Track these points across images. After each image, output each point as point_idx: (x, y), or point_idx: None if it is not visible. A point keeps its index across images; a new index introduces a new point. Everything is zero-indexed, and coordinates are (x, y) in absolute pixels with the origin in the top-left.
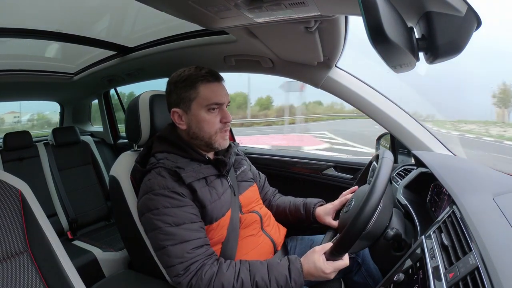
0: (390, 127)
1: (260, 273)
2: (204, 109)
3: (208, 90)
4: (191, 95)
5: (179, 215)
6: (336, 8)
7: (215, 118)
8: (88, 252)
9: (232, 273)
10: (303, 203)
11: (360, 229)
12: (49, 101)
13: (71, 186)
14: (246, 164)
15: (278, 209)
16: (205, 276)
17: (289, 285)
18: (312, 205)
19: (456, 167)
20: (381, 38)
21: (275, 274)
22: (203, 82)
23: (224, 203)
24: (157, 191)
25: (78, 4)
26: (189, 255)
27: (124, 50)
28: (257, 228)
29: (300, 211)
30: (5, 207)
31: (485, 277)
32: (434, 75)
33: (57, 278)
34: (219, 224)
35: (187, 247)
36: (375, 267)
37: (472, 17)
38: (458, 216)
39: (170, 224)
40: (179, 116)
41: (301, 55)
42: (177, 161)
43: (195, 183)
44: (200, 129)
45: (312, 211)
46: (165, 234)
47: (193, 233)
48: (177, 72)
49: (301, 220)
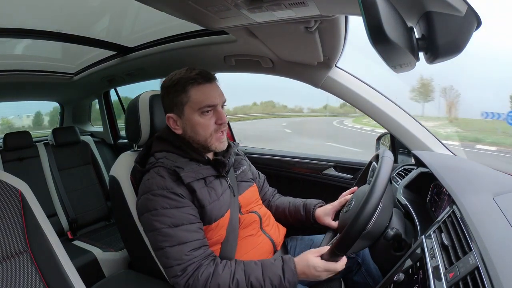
0: (390, 127)
1: (254, 273)
2: (197, 113)
3: (199, 92)
4: (182, 100)
5: (177, 216)
6: (336, 8)
7: (209, 120)
8: (88, 252)
9: (228, 273)
10: (303, 204)
11: (360, 228)
12: (49, 101)
13: (71, 186)
14: (246, 164)
15: (278, 209)
16: (201, 277)
17: (283, 285)
18: (312, 206)
19: (456, 167)
20: (381, 38)
21: (269, 274)
22: (194, 85)
23: (223, 203)
24: (156, 192)
25: (78, 4)
26: (186, 257)
27: (124, 50)
28: (256, 228)
29: (300, 212)
30: (5, 207)
31: (485, 277)
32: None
33: (57, 278)
34: (218, 224)
35: (185, 249)
36: (375, 267)
37: (472, 17)
38: (458, 216)
39: (168, 226)
40: (174, 121)
41: (301, 55)
42: (176, 160)
43: (194, 183)
44: (195, 133)
45: (312, 212)
46: (163, 236)
47: (191, 234)
48: (168, 76)
49: (301, 221)
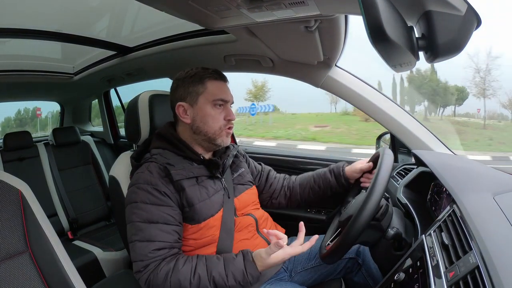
0: (390, 126)
1: (217, 268)
2: (210, 104)
3: (215, 86)
4: (198, 90)
5: (154, 213)
6: (336, 7)
7: (219, 114)
8: (88, 252)
9: (188, 268)
10: (329, 170)
11: (362, 226)
12: (49, 101)
13: (72, 186)
14: (245, 167)
15: (302, 186)
16: (160, 272)
17: (246, 279)
18: (340, 168)
19: (456, 166)
20: (381, 38)
21: (231, 269)
22: (211, 79)
23: (213, 203)
24: (140, 185)
25: (78, 4)
26: (150, 255)
27: (124, 50)
28: (252, 231)
29: (328, 178)
30: (5, 208)
31: (485, 276)
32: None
33: (58, 278)
34: (208, 224)
35: (151, 246)
36: (375, 268)
37: (472, 16)
38: (458, 215)
39: (143, 220)
40: (184, 110)
41: (301, 54)
42: (169, 157)
43: (184, 181)
44: (204, 123)
45: (342, 173)
46: (136, 229)
47: (162, 234)
48: (184, 70)
49: (331, 186)
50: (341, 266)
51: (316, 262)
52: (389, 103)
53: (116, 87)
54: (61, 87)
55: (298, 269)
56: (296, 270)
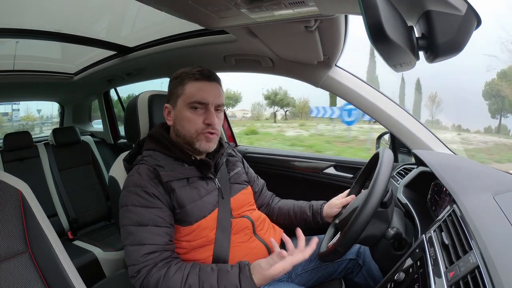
0: (390, 126)
1: (209, 281)
2: (187, 107)
3: (194, 88)
4: (178, 91)
5: (144, 215)
6: (336, 7)
7: (197, 117)
8: (88, 252)
9: (179, 277)
10: (309, 205)
11: (362, 227)
12: (49, 101)
13: (72, 186)
14: (241, 166)
15: (281, 211)
16: (152, 279)
17: None
18: (319, 206)
19: (456, 166)
20: (381, 37)
21: (224, 283)
22: (191, 80)
23: (206, 204)
24: (130, 188)
25: (78, 4)
26: (141, 259)
27: (124, 50)
28: (248, 234)
29: (306, 212)
30: (5, 208)
31: (485, 275)
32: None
33: (58, 278)
34: (200, 225)
35: (142, 250)
36: (376, 268)
37: (472, 16)
38: (458, 215)
39: (133, 224)
40: (169, 111)
41: (301, 54)
42: (160, 159)
43: (173, 183)
44: (182, 126)
45: (320, 212)
46: (127, 233)
47: (153, 237)
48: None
49: (307, 221)
50: (341, 267)
51: (317, 264)
52: (389, 103)
53: (116, 87)
54: (61, 87)
55: (298, 270)
56: (296, 272)
